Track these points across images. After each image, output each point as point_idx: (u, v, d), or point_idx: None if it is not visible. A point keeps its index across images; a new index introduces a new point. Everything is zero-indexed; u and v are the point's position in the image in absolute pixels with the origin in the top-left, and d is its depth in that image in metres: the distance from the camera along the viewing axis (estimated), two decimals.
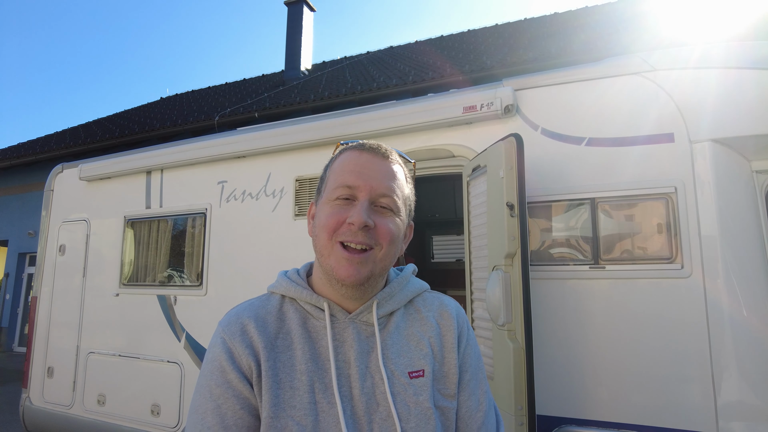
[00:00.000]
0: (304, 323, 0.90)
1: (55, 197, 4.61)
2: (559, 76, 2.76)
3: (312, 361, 0.85)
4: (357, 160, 0.89)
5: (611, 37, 7.92)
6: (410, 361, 0.90)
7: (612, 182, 2.49)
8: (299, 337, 0.88)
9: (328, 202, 0.88)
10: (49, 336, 4.35)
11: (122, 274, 4.09)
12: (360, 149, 0.91)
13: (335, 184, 0.88)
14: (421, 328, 0.96)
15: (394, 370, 0.88)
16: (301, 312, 0.91)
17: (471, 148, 2.90)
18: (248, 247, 3.51)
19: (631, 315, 2.37)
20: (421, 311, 0.99)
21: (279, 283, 0.96)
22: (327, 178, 0.93)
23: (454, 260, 5.91)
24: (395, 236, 0.89)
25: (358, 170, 0.88)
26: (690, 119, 2.40)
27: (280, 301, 0.93)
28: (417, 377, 0.89)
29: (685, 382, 2.24)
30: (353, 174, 0.87)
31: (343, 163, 0.90)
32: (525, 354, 2.21)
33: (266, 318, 0.89)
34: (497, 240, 2.43)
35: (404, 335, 0.94)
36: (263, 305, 0.92)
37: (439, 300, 1.02)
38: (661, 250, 2.38)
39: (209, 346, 0.88)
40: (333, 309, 0.90)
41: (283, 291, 0.94)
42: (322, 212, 0.89)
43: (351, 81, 9.95)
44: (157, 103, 14.87)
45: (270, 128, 3.71)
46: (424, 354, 0.92)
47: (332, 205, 0.87)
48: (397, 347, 0.91)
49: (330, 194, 0.88)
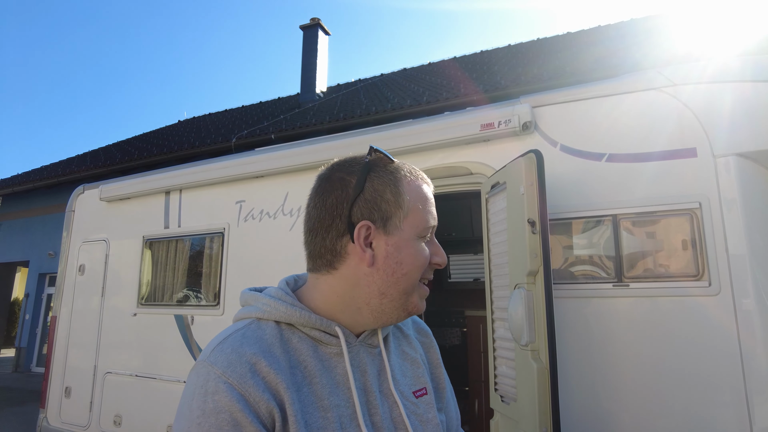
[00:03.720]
0: (315, 351, 0.81)
1: (75, 218, 4.68)
2: (577, 93, 2.75)
3: (333, 394, 0.78)
4: (430, 195, 0.88)
5: (624, 53, 7.92)
6: (412, 381, 0.90)
7: (634, 198, 2.45)
8: (314, 368, 0.79)
9: (417, 239, 0.83)
10: (67, 356, 4.36)
11: (140, 293, 4.12)
12: (428, 184, 0.89)
13: (426, 222, 0.84)
14: (410, 347, 0.96)
15: (403, 391, 0.87)
16: (307, 340, 0.82)
17: (489, 165, 2.89)
18: (266, 266, 3.51)
19: (657, 334, 2.31)
20: (402, 330, 0.98)
21: (271, 307, 0.82)
22: (408, 207, 0.82)
23: (471, 280, 5.84)
24: None
25: (434, 207, 0.87)
26: (712, 133, 2.36)
27: (276, 328, 0.81)
28: (422, 396, 0.89)
29: (717, 407, 2.16)
30: (434, 211, 0.87)
31: (426, 199, 0.86)
32: (549, 374, 2.15)
33: (272, 350, 0.77)
34: (519, 258, 2.39)
35: (399, 355, 0.93)
36: (259, 335, 0.78)
37: (410, 318, 1.02)
38: (687, 267, 2.32)
39: (200, 395, 0.70)
40: (345, 333, 0.83)
41: (278, 317, 0.81)
42: (414, 250, 0.82)
43: (365, 102, 10.05)
44: (175, 126, 15.16)
45: (287, 148, 3.75)
46: (422, 372, 0.93)
47: (422, 244, 0.84)
48: (399, 368, 0.90)
49: (419, 230, 0.83)
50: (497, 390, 2.64)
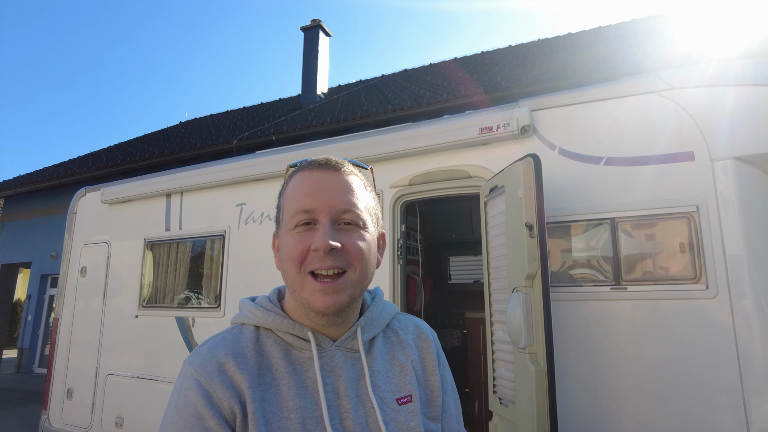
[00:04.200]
0: (287, 355, 0.83)
1: (77, 220, 4.70)
2: (575, 96, 2.77)
3: (300, 396, 0.79)
4: (309, 181, 0.83)
5: (625, 54, 7.91)
6: (397, 387, 0.88)
7: (632, 201, 2.46)
8: (283, 371, 0.81)
9: (288, 232, 0.82)
10: (69, 357, 4.39)
11: (141, 295, 4.14)
12: (309, 168, 0.85)
13: (292, 211, 0.82)
14: (403, 352, 0.93)
15: (383, 397, 0.85)
16: (281, 344, 0.85)
17: (488, 169, 2.90)
18: (266, 269, 3.52)
19: (655, 336, 2.32)
20: (399, 334, 0.96)
21: (251, 313, 0.88)
22: (282, 206, 0.86)
23: (471, 281, 5.86)
24: (366, 253, 0.83)
25: (312, 191, 0.82)
26: (710, 137, 2.37)
27: (254, 333, 0.86)
28: (405, 403, 0.86)
29: (715, 409, 2.17)
30: (308, 196, 0.81)
31: (296, 187, 0.84)
32: (547, 377, 2.17)
33: (244, 353, 0.81)
34: (517, 261, 2.40)
35: (387, 360, 0.91)
36: (237, 339, 0.84)
37: (414, 322, 1.01)
38: (685, 270, 2.33)
39: (177, 391, 0.78)
40: (318, 338, 0.84)
41: (257, 321, 0.86)
42: (285, 243, 0.82)
43: (366, 104, 10.06)
44: (176, 127, 15.17)
45: (287, 151, 3.77)
46: (410, 379, 0.90)
47: (293, 235, 0.81)
48: (383, 373, 0.88)
49: (288, 223, 0.82)
50: (496, 392, 2.65)
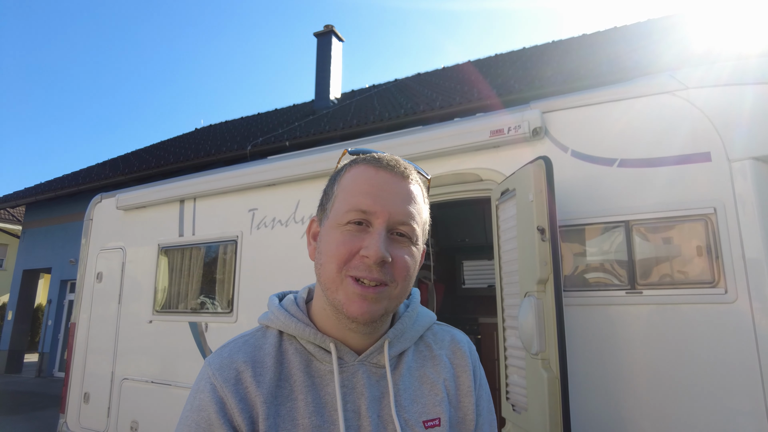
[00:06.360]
0: (307, 367, 0.78)
1: (94, 226, 4.77)
2: (587, 98, 2.72)
3: (317, 414, 0.73)
4: (373, 180, 0.76)
5: (640, 54, 7.80)
6: (424, 408, 0.80)
7: (646, 204, 2.41)
8: (301, 384, 0.76)
9: (337, 227, 0.75)
10: (85, 362, 4.44)
11: (156, 301, 4.17)
12: (376, 166, 0.77)
13: (347, 206, 0.75)
14: (434, 369, 0.85)
15: (408, 419, 0.77)
16: (303, 353, 0.79)
17: (499, 172, 2.87)
18: (278, 273, 3.53)
19: (671, 342, 2.26)
20: (433, 348, 0.88)
21: (275, 316, 0.82)
22: (335, 194, 0.78)
23: (485, 286, 5.80)
24: (412, 270, 0.77)
25: (375, 192, 0.75)
26: (727, 137, 2.31)
27: (277, 338, 0.80)
28: (433, 426, 0.79)
29: (736, 417, 2.10)
30: (369, 196, 0.74)
31: (357, 181, 0.77)
32: (560, 383, 2.12)
33: (264, 361, 0.76)
34: (528, 265, 2.37)
35: (417, 378, 0.83)
36: (259, 344, 0.79)
37: (450, 334, 0.92)
38: (702, 273, 2.27)
39: (196, 388, 0.75)
40: (341, 351, 0.78)
41: (280, 326, 0.80)
42: (331, 238, 0.75)
43: (379, 108, 10.07)
44: (191, 134, 15.37)
45: (298, 156, 3.77)
46: (440, 399, 0.82)
47: (343, 231, 0.74)
48: (410, 392, 0.81)
49: (340, 217, 0.75)
50: (509, 399, 2.61)
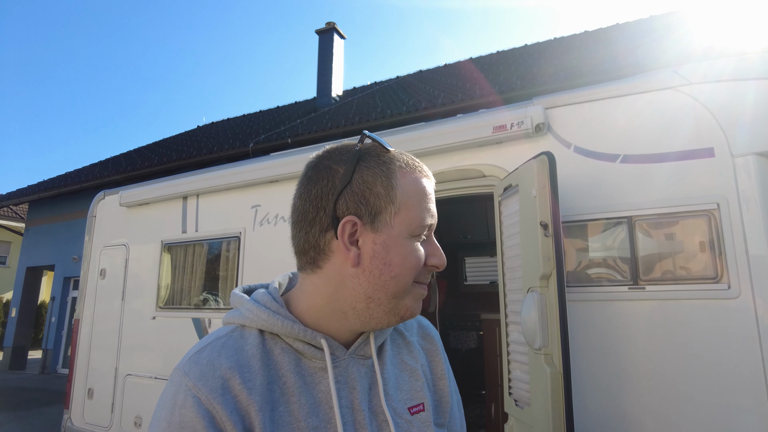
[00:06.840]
0: (297, 366, 0.74)
1: (97, 223, 4.79)
2: (590, 94, 2.72)
3: (312, 415, 0.70)
4: (430, 190, 0.77)
5: (643, 50, 7.78)
6: (409, 395, 0.81)
7: (649, 200, 2.41)
8: (293, 385, 0.72)
9: (410, 237, 0.73)
10: (89, 358, 4.46)
11: (159, 297, 4.19)
12: (427, 175, 0.78)
13: (421, 220, 0.74)
14: (411, 355, 0.86)
15: (396, 407, 0.77)
16: (290, 352, 0.75)
17: (502, 168, 2.87)
18: (281, 270, 3.53)
19: (674, 338, 2.26)
20: (405, 336, 0.88)
21: (254, 314, 0.75)
22: (400, 202, 0.73)
23: (487, 282, 5.81)
24: None
25: (433, 203, 0.77)
26: (731, 133, 2.31)
27: (259, 338, 0.74)
28: (418, 412, 0.79)
29: (739, 413, 2.10)
30: (434, 208, 0.77)
31: (422, 194, 0.76)
32: (563, 379, 2.13)
33: (251, 364, 0.71)
34: (531, 261, 2.37)
35: (397, 365, 0.83)
36: (239, 346, 0.73)
37: (417, 321, 0.93)
38: (705, 269, 2.27)
39: (169, 406, 0.66)
40: (332, 346, 0.76)
41: (261, 325, 0.74)
42: (407, 250, 0.73)
43: (381, 105, 10.06)
44: (194, 131, 15.38)
45: (300, 153, 3.78)
46: (421, 385, 0.82)
47: (416, 242, 0.74)
48: (394, 381, 0.81)
49: (413, 228, 0.73)
50: (511, 394, 2.61)
